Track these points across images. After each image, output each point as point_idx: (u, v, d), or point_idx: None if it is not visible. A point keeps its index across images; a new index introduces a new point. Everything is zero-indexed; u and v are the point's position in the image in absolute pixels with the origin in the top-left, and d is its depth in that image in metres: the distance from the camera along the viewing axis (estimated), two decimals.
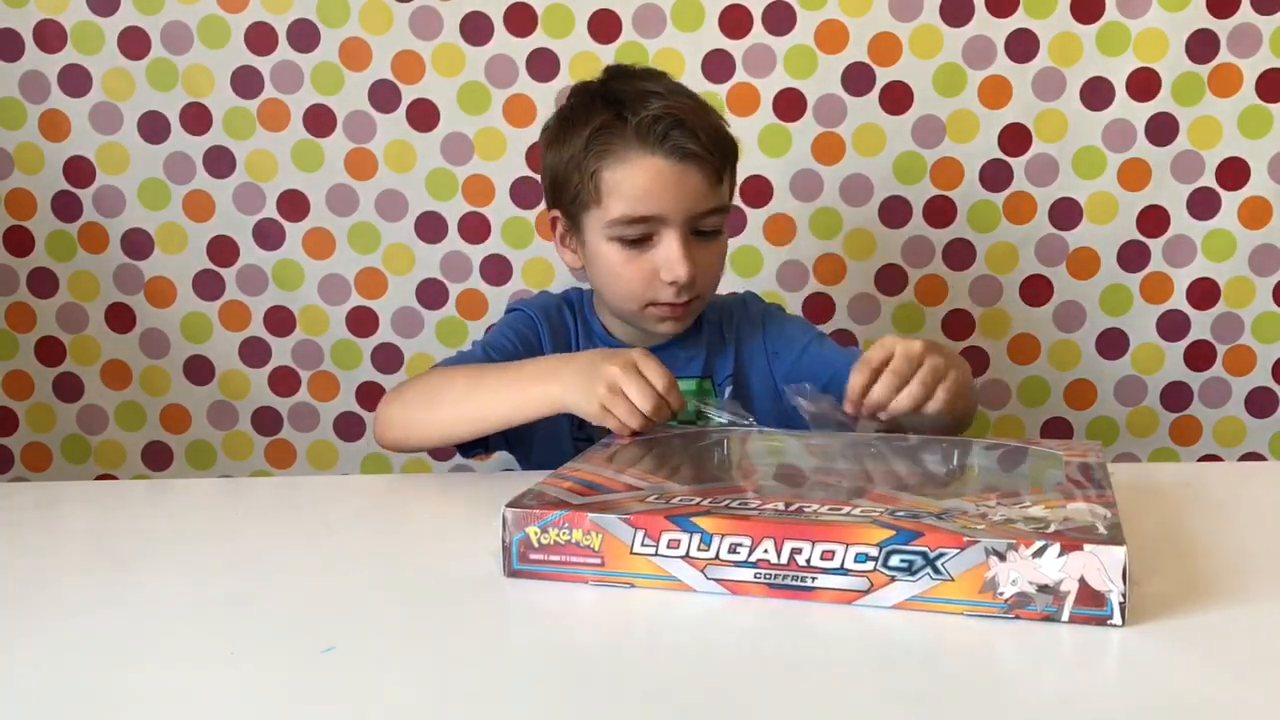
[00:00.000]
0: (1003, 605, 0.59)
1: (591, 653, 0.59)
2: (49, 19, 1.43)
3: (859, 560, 0.61)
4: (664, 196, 1.00)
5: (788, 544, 0.62)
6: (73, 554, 0.78)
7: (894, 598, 0.61)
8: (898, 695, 0.52)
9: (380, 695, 0.53)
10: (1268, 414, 1.52)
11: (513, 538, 0.67)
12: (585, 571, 0.66)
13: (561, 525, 0.66)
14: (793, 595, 0.62)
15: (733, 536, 0.63)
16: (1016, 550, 0.59)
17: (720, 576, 0.64)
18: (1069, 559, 0.58)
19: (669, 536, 0.64)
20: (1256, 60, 1.42)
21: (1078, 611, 0.58)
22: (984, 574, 0.59)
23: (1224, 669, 0.55)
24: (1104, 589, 0.58)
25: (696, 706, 0.51)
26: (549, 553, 0.66)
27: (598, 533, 0.65)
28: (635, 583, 0.65)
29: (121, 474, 1.55)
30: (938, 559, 0.60)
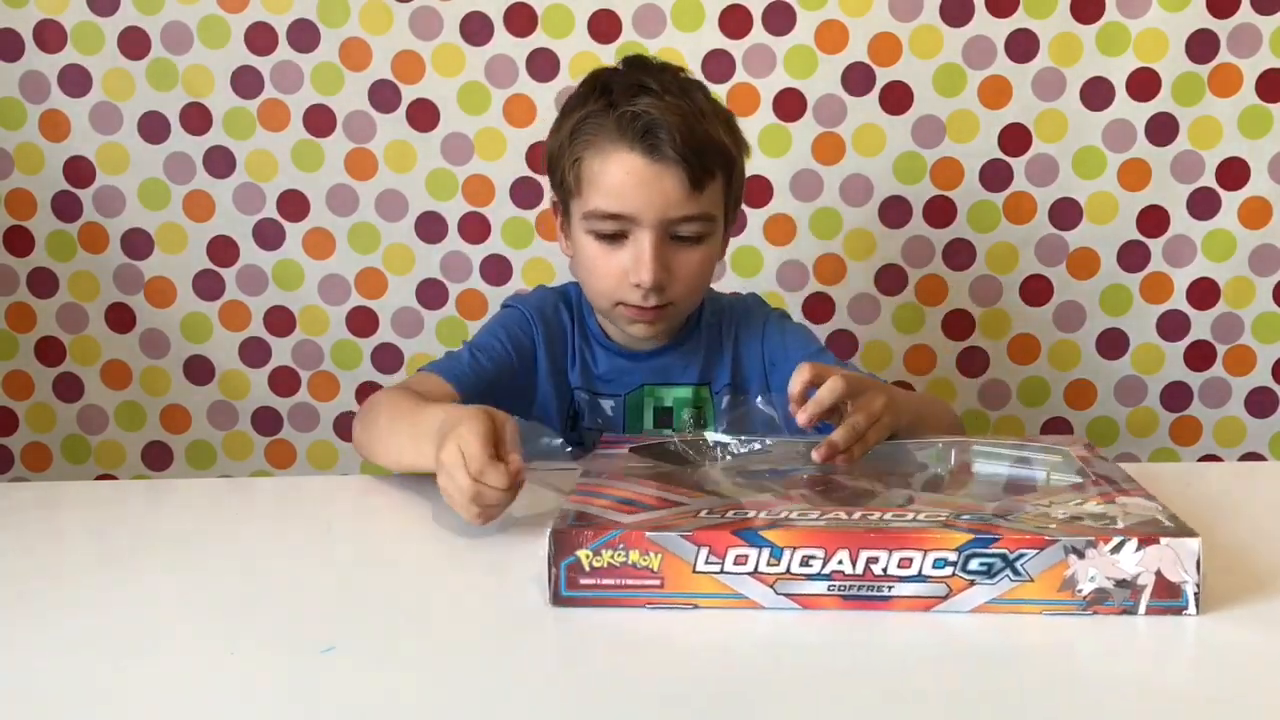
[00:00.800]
0: (1081, 602, 0.60)
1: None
2: (49, 19, 1.43)
3: (937, 566, 0.60)
4: (636, 196, 0.96)
5: (863, 553, 0.60)
6: (73, 554, 0.78)
7: (973, 602, 0.60)
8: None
9: (380, 695, 0.53)
10: (1268, 414, 1.52)
11: (560, 563, 0.62)
12: (643, 594, 0.61)
13: (616, 546, 0.61)
14: (868, 606, 0.61)
15: (805, 549, 0.60)
16: (1095, 547, 0.59)
17: (791, 591, 0.61)
18: (1146, 553, 0.59)
19: (736, 552, 0.61)
20: (1256, 60, 1.42)
21: (1154, 604, 0.60)
22: (1063, 572, 0.60)
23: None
24: (1179, 580, 0.59)
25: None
26: (601, 576, 0.61)
27: (657, 552, 0.61)
28: (699, 603, 0.61)
29: (121, 474, 1.55)
30: (1017, 560, 0.60)
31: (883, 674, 0.56)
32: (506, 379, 1.04)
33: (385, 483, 0.91)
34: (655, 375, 1.08)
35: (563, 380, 1.08)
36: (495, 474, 0.72)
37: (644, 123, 0.95)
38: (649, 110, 0.95)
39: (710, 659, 0.57)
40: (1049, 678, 0.55)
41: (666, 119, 0.95)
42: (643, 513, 0.65)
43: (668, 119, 0.95)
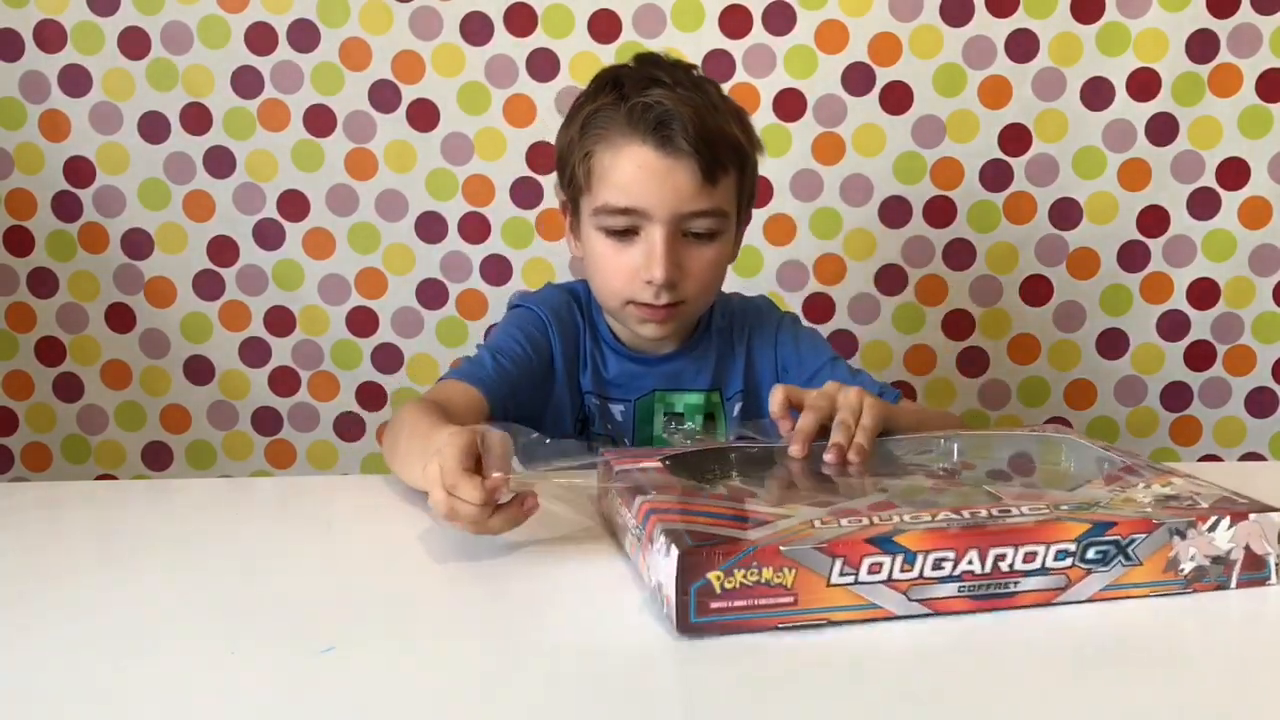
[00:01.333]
0: (1182, 581, 0.63)
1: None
2: (49, 19, 1.43)
3: (1059, 558, 0.61)
4: (647, 190, 0.94)
5: (992, 551, 0.60)
6: (73, 554, 0.78)
7: (1090, 590, 0.62)
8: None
9: (380, 695, 0.53)
10: (1268, 414, 1.52)
11: (691, 586, 0.57)
12: (777, 614, 0.58)
13: (750, 565, 0.58)
14: (995, 605, 0.61)
15: (937, 552, 0.60)
16: (1195, 527, 0.63)
17: (923, 596, 0.60)
18: (1237, 529, 0.63)
19: (870, 560, 0.59)
20: (1256, 60, 1.42)
21: (1243, 577, 0.64)
22: (1168, 554, 0.63)
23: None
24: (1263, 552, 0.64)
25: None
26: (733, 598, 0.58)
27: (791, 568, 0.58)
28: (832, 618, 0.59)
29: (121, 474, 1.55)
30: (1129, 545, 0.62)
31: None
32: (528, 380, 1.02)
33: (385, 483, 0.91)
34: (666, 381, 1.06)
35: (574, 383, 1.06)
36: (467, 487, 0.69)
37: (656, 115, 0.93)
38: (661, 102, 0.93)
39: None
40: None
41: (679, 111, 0.93)
42: (757, 528, 0.61)
43: (680, 111, 0.93)
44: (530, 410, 1.03)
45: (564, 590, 0.67)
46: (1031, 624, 0.60)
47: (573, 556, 0.73)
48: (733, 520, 0.63)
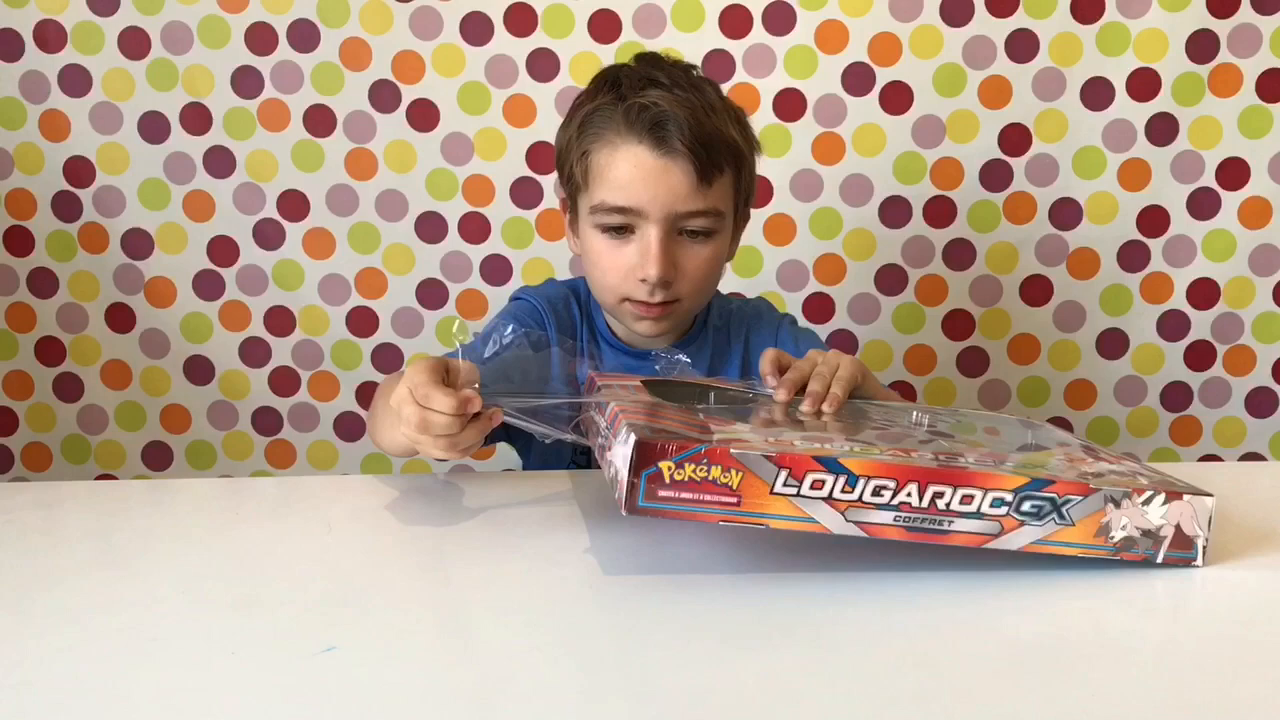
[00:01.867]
0: (1111, 548, 0.66)
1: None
2: (49, 19, 1.43)
3: (995, 505, 0.64)
4: (643, 190, 0.95)
5: (931, 488, 0.63)
6: (73, 554, 0.78)
7: (1021, 541, 0.65)
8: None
9: (380, 695, 0.53)
10: (1268, 414, 1.52)
11: (643, 472, 0.61)
12: (719, 511, 0.62)
13: (700, 460, 0.61)
14: (928, 538, 0.64)
15: (878, 479, 0.63)
16: (1130, 499, 0.65)
17: (859, 519, 0.63)
18: (1170, 507, 0.66)
19: (814, 477, 0.62)
20: (1256, 60, 1.42)
21: (1170, 554, 0.66)
22: (1100, 519, 0.65)
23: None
24: (1193, 534, 0.67)
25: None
26: (681, 489, 0.62)
27: (739, 470, 0.61)
28: (770, 524, 0.62)
29: (121, 474, 1.55)
30: (1064, 505, 0.65)
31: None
32: (524, 380, 1.03)
33: (385, 483, 0.91)
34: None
35: (572, 379, 1.07)
36: (439, 397, 0.73)
37: (652, 115, 0.94)
38: (657, 103, 0.94)
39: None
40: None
41: (675, 112, 0.94)
42: (713, 434, 0.65)
43: (676, 112, 0.94)
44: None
45: (568, 587, 0.67)
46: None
47: (574, 553, 0.73)
48: (694, 428, 0.67)
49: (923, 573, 0.66)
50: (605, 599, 0.66)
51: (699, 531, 0.73)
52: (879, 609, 0.62)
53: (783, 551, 0.70)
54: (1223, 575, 0.68)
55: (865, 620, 0.60)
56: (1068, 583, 0.65)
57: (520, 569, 0.71)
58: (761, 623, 0.61)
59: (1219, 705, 0.52)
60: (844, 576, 0.66)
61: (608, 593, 0.67)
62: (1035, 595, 0.64)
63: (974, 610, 0.62)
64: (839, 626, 0.59)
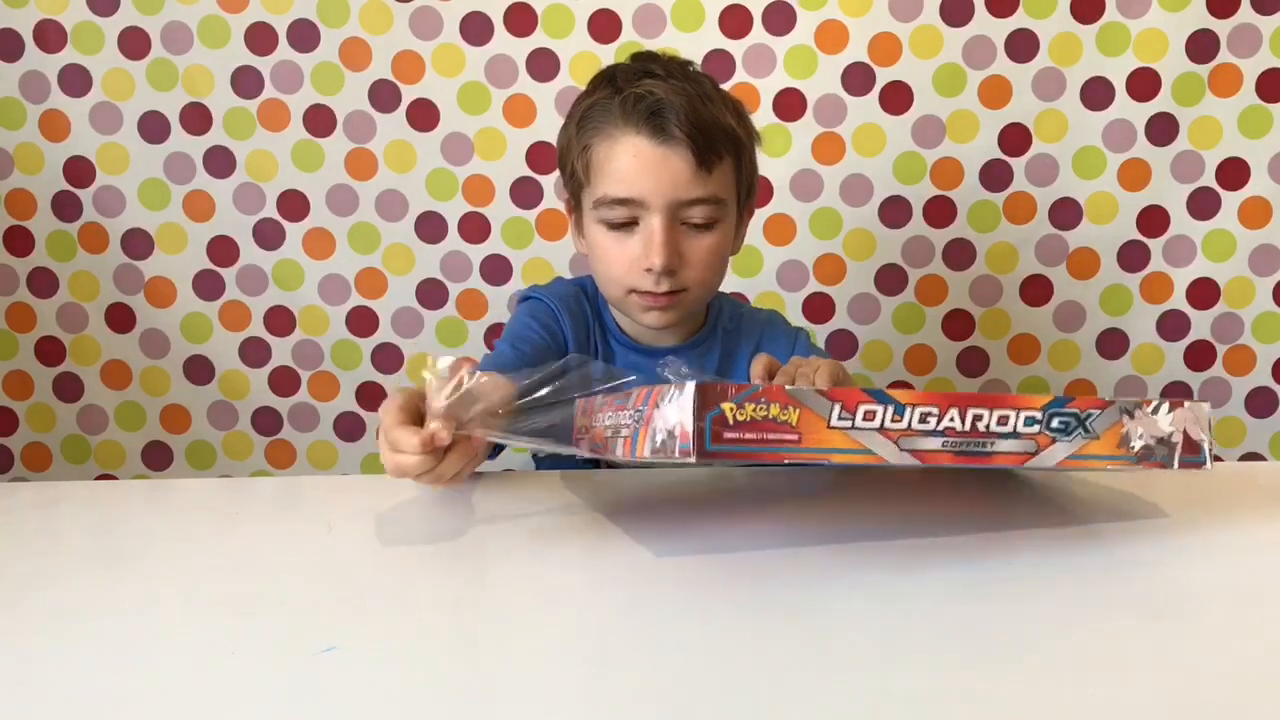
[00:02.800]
0: (1133, 458, 0.70)
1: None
2: (49, 19, 1.43)
3: (1028, 424, 0.67)
4: (644, 180, 0.95)
5: (970, 410, 0.66)
6: (73, 554, 0.78)
7: (1056, 457, 0.68)
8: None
9: (380, 695, 0.53)
10: (1268, 414, 1.52)
11: (707, 415, 0.62)
12: (783, 449, 0.63)
13: (759, 400, 0.63)
14: (975, 461, 0.67)
15: (923, 406, 0.65)
16: (1141, 409, 0.70)
17: (912, 447, 0.65)
18: (1175, 414, 0.71)
19: (865, 408, 0.64)
20: (1256, 60, 1.42)
21: (1184, 459, 0.72)
22: (1120, 430, 0.70)
23: None
24: (1198, 439, 0.72)
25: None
26: (744, 430, 0.63)
27: (795, 407, 0.63)
28: (832, 458, 0.64)
29: (121, 474, 1.55)
30: (1087, 419, 0.69)
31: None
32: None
33: (385, 483, 0.91)
34: None
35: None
36: (404, 437, 0.73)
37: (648, 104, 0.95)
38: (653, 91, 0.95)
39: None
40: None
41: (671, 100, 0.95)
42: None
43: (672, 100, 0.95)
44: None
45: (568, 587, 0.67)
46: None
47: (573, 553, 0.73)
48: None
49: (922, 571, 0.66)
50: (606, 599, 0.66)
51: (701, 531, 0.73)
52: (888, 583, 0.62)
53: (786, 552, 0.70)
54: (1222, 575, 0.68)
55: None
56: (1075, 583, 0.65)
57: (520, 569, 0.71)
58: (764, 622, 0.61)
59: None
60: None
61: (608, 593, 0.67)
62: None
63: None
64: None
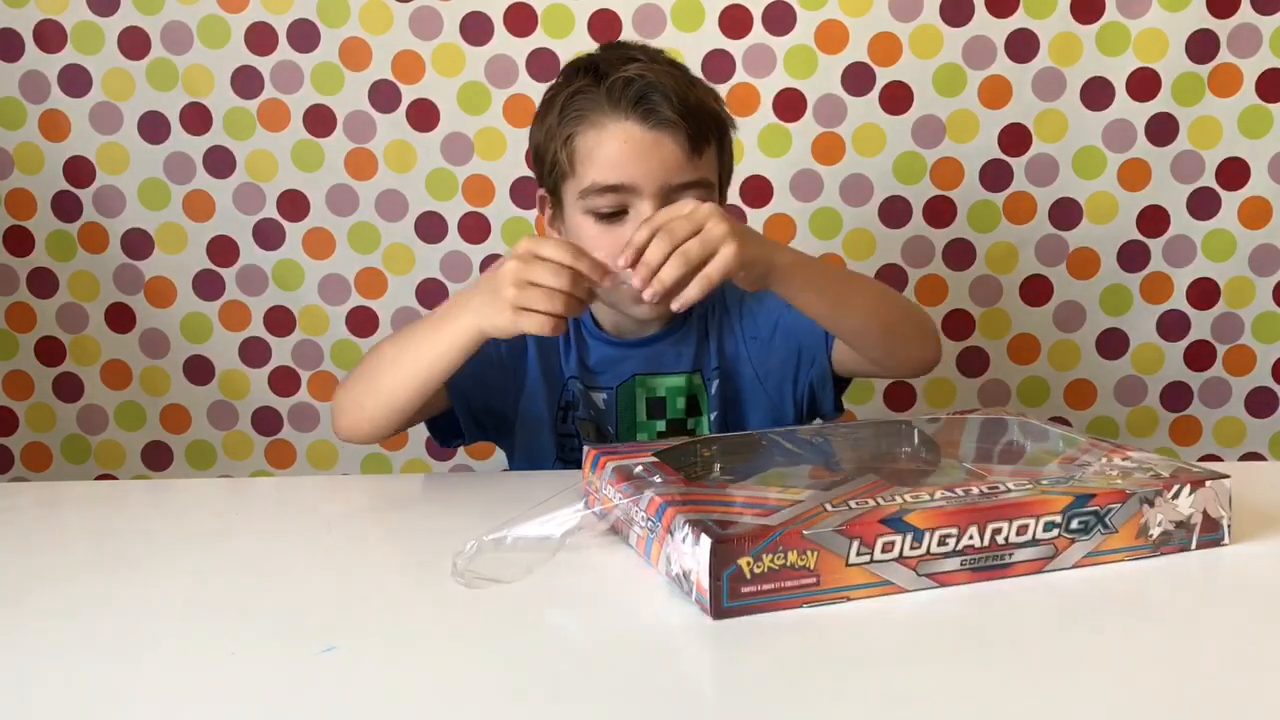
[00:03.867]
0: (1150, 546, 0.69)
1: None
2: (49, 19, 1.43)
3: (1048, 530, 0.67)
4: (635, 164, 0.94)
5: (989, 526, 0.65)
6: (73, 554, 0.78)
7: (1074, 557, 0.68)
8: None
9: (381, 695, 0.53)
10: (1268, 414, 1.52)
11: (724, 573, 0.60)
12: (802, 594, 0.62)
13: (776, 550, 0.61)
14: (992, 575, 0.66)
15: (942, 529, 0.64)
16: (1162, 495, 0.69)
17: (930, 571, 0.65)
18: (1196, 495, 0.70)
19: (884, 540, 0.63)
20: (1256, 60, 1.42)
21: (1202, 539, 0.70)
22: (1139, 521, 0.69)
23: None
24: (1218, 516, 0.71)
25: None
26: (762, 583, 0.61)
27: (813, 550, 0.62)
28: (850, 596, 0.63)
29: (121, 474, 1.55)
30: (1107, 515, 0.68)
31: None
32: (494, 372, 1.03)
33: (385, 483, 0.92)
34: (647, 364, 1.06)
35: (554, 371, 1.06)
36: (552, 246, 0.79)
37: (637, 88, 0.94)
38: (642, 74, 0.94)
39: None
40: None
41: (660, 82, 0.94)
42: (774, 514, 0.65)
43: (662, 82, 0.94)
44: (499, 399, 1.05)
45: (569, 586, 0.67)
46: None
47: (574, 552, 0.73)
48: (748, 508, 0.67)
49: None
50: (606, 599, 0.66)
51: None
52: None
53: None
54: (1222, 575, 0.68)
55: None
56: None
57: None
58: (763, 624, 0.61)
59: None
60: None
61: (609, 593, 0.67)
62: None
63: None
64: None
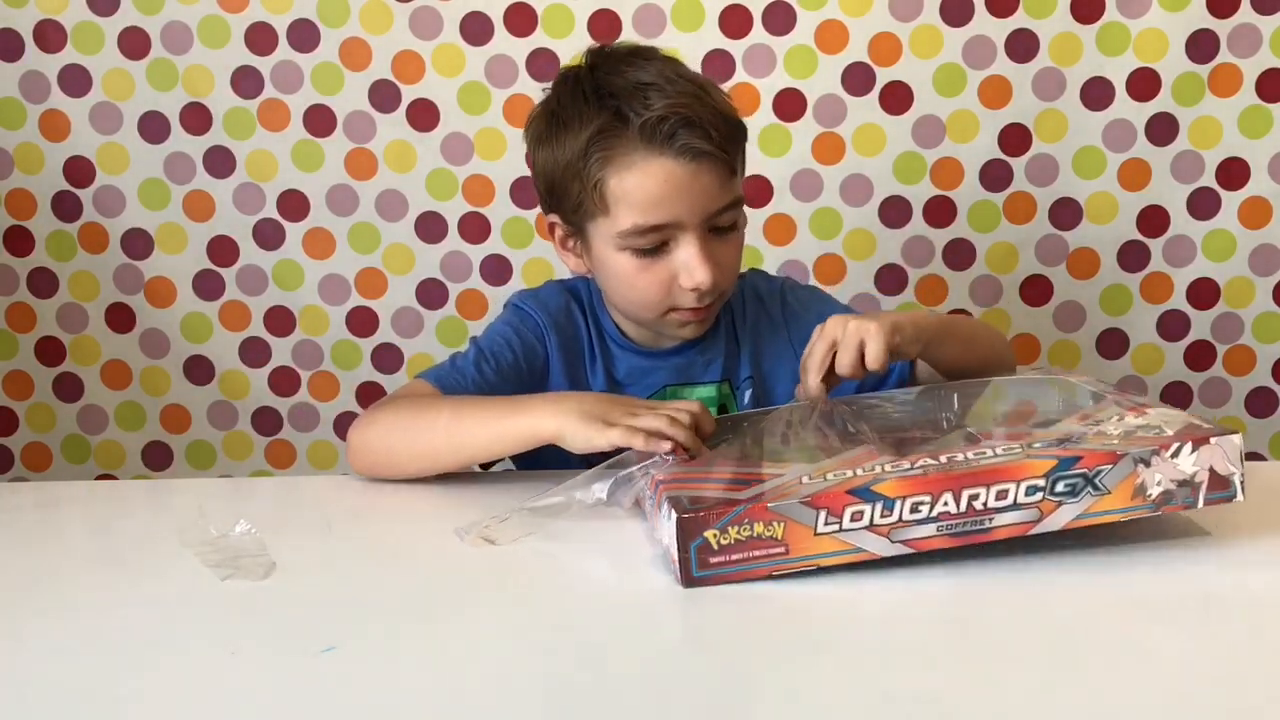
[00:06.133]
0: (1151, 505, 0.67)
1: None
2: (49, 19, 1.43)
3: (1029, 494, 0.66)
4: (678, 202, 0.92)
5: (965, 491, 0.65)
6: (73, 554, 0.78)
7: (1063, 520, 0.67)
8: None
9: (381, 695, 0.53)
10: (1268, 414, 1.52)
11: (691, 544, 0.64)
12: (769, 564, 0.65)
13: (742, 521, 0.64)
14: (973, 539, 0.66)
15: (914, 497, 0.65)
16: (1159, 454, 0.67)
17: (904, 538, 0.65)
18: (1200, 453, 0.67)
19: (852, 509, 0.65)
20: (1256, 60, 1.42)
21: (1210, 496, 0.68)
22: (1134, 482, 0.67)
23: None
24: (1228, 473, 0.68)
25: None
26: (730, 553, 0.65)
27: (780, 521, 0.64)
28: (821, 563, 0.65)
29: (121, 474, 1.55)
30: (1096, 476, 0.66)
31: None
32: (513, 387, 1.01)
33: (385, 483, 0.91)
34: (677, 375, 1.05)
35: (580, 384, 1.05)
36: (709, 418, 0.82)
37: (670, 125, 0.91)
38: (675, 110, 0.91)
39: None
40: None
41: (691, 113, 0.91)
42: (748, 488, 0.67)
43: (695, 111, 0.91)
44: None
45: (569, 586, 0.67)
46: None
47: (575, 552, 0.73)
48: (729, 484, 0.69)
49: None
50: (606, 599, 0.66)
51: None
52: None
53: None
54: (1221, 576, 0.68)
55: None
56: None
57: (521, 568, 0.71)
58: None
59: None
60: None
61: (608, 592, 0.67)
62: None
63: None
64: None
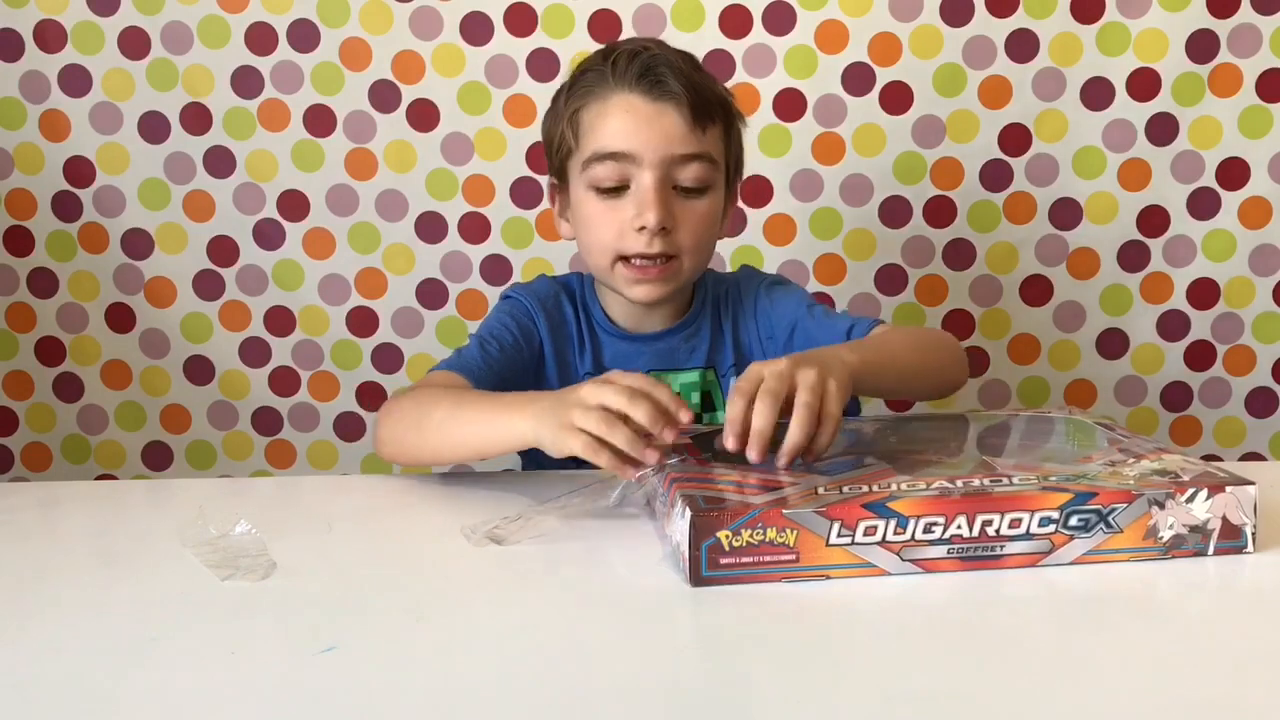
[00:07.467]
0: (1161, 549, 0.68)
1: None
2: (49, 19, 1.43)
3: (1043, 524, 0.66)
4: (636, 134, 0.95)
5: (979, 517, 0.66)
6: (73, 554, 0.78)
7: (1073, 554, 0.67)
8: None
9: (381, 695, 0.53)
10: (1268, 414, 1.52)
11: (703, 544, 0.65)
12: (779, 570, 0.65)
13: (755, 525, 0.65)
14: (982, 565, 0.67)
15: (928, 517, 0.65)
16: (1174, 498, 0.68)
17: (914, 557, 0.66)
18: (1214, 500, 0.68)
19: (866, 524, 0.65)
20: (1256, 60, 1.42)
21: (1221, 545, 0.69)
22: (1147, 523, 0.67)
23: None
24: (1240, 523, 0.69)
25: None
26: (741, 555, 0.65)
27: (793, 529, 0.65)
28: (830, 574, 0.65)
29: (121, 474, 1.55)
30: (1110, 514, 0.67)
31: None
32: (518, 368, 1.04)
33: (385, 482, 0.91)
34: (660, 360, 1.07)
35: (568, 370, 1.07)
36: (664, 390, 0.75)
37: (642, 61, 0.96)
38: (647, 47, 0.97)
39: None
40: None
41: (665, 56, 0.97)
42: (766, 494, 0.68)
43: (667, 57, 0.97)
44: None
45: (570, 585, 0.67)
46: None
47: (576, 552, 0.73)
48: (745, 487, 0.69)
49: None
50: (606, 599, 0.66)
51: None
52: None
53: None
54: (1220, 576, 0.68)
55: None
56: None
57: (521, 568, 0.71)
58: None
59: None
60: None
61: (608, 592, 0.67)
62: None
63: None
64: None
